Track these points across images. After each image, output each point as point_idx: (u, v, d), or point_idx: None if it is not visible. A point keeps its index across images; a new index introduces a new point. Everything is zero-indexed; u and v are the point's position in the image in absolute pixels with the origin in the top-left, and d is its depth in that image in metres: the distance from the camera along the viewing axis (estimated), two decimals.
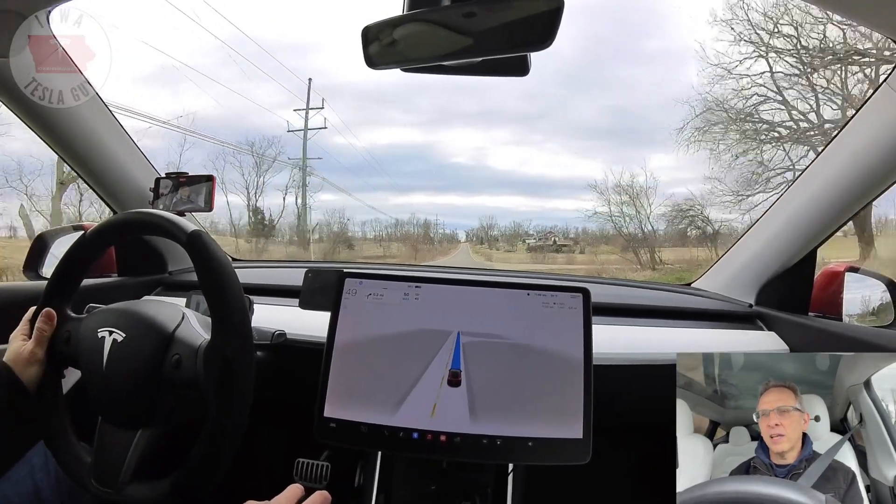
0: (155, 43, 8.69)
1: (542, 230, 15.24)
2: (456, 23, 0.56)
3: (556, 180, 17.82)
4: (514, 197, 18.99)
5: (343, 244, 13.61)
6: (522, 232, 15.58)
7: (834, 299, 0.93)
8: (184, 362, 0.62)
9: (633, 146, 18.51)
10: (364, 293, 0.74)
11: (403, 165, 25.95)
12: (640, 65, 10.36)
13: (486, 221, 16.63)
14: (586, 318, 0.71)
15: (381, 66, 0.61)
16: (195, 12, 10.07)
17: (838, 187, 0.82)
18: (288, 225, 12.35)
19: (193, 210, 1.11)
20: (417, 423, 0.67)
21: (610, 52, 9.74)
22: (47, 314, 0.67)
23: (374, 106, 13.68)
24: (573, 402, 0.67)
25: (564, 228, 14.31)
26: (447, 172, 22.66)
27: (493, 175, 20.79)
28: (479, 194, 18.66)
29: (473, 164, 23.21)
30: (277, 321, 0.86)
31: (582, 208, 11.98)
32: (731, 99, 8.23)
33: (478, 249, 16.51)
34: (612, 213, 10.45)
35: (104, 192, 1.09)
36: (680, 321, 1.01)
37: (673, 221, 9.99)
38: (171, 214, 0.67)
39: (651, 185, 10.15)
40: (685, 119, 8.49)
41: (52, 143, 0.95)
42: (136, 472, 0.62)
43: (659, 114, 13.72)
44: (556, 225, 14.92)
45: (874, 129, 0.74)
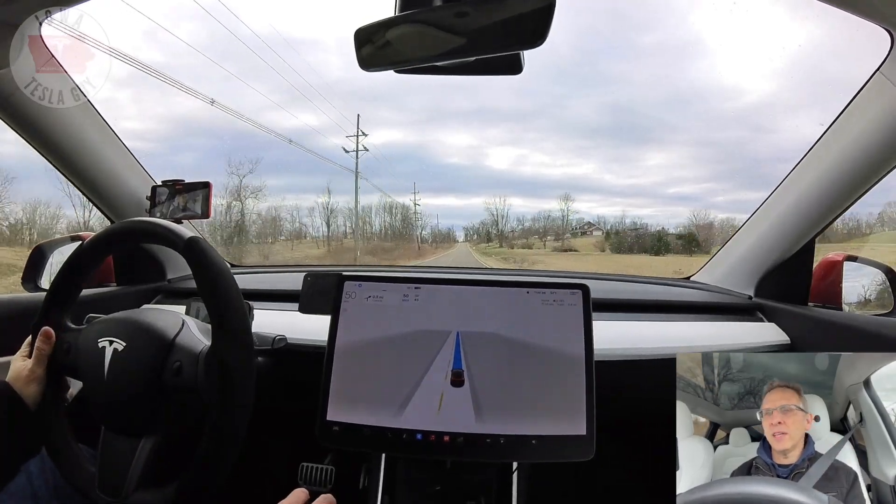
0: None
1: (580, 222, 13.91)
2: (448, 23, 0.56)
3: (554, 181, 17.22)
4: (512, 198, 18.72)
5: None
6: (556, 226, 14.08)
7: (833, 289, 0.93)
8: (185, 369, 0.62)
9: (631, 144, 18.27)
10: (363, 296, 0.74)
11: (396, 165, 25.82)
12: (638, 58, 10.17)
13: (493, 213, 15.33)
14: (586, 315, 0.71)
15: (375, 67, 0.61)
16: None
17: (835, 176, 0.82)
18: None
19: (191, 217, 1.11)
20: (421, 424, 0.67)
21: (605, 47, 9.55)
22: (45, 333, 0.68)
23: (365, 105, 13.67)
24: (576, 399, 0.67)
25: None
26: (443, 172, 22.54)
27: (490, 175, 20.62)
28: (476, 195, 18.45)
29: (469, 164, 23.05)
30: (277, 326, 0.86)
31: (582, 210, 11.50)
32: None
33: (487, 250, 15.36)
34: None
35: (100, 202, 1.08)
36: (680, 314, 1.01)
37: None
38: (168, 222, 0.67)
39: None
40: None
41: (47, 153, 0.95)
42: (141, 479, 0.62)
43: (656, 110, 13.58)
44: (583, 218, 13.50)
45: (869, 117, 0.74)
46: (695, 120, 46.30)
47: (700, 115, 46.57)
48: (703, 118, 46.49)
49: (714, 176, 40.65)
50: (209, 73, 13.47)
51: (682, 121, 20.89)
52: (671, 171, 34.87)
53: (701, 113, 47.14)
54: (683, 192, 38.36)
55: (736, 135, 41.81)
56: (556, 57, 14.49)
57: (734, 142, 38.03)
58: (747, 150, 38.44)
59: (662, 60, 53.22)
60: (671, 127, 38.31)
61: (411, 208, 15.62)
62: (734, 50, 52.82)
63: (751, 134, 39.46)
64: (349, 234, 15.77)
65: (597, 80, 29.14)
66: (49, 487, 0.72)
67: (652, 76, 40.70)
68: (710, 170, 40.55)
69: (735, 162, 38.79)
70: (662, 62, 52.88)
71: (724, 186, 37.55)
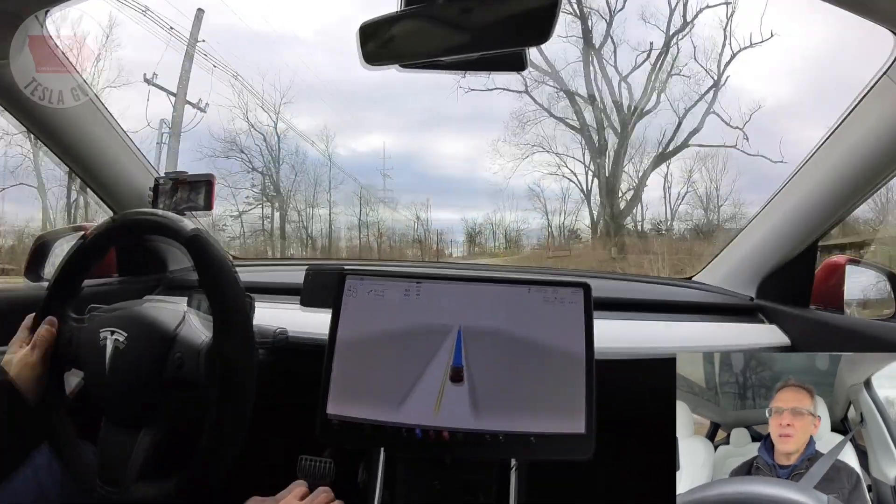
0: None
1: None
2: (453, 19, 0.55)
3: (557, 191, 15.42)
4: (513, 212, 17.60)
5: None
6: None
7: (835, 292, 0.92)
8: (186, 363, 0.62)
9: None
10: (365, 291, 0.74)
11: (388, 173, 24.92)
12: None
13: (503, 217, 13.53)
14: (587, 313, 0.71)
15: (379, 63, 0.61)
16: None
17: (838, 178, 0.82)
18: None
19: (193, 210, 1.11)
20: (420, 420, 0.67)
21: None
22: (49, 321, 0.67)
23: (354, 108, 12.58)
24: (576, 398, 0.67)
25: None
26: (438, 184, 21.48)
27: (487, 187, 19.50)
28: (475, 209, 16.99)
29: (465, 176, 22.14)
30: (279, 320, 0.86)
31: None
32: None
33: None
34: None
35: (103, 194, 1.09)
36: (681, 315, 1.01)
37: None
38: (171, 214, 0.67)
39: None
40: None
41: (51, 144, 0.95)
42: (141, 471, 0.62)
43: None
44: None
45: (873, 119, 0.74)
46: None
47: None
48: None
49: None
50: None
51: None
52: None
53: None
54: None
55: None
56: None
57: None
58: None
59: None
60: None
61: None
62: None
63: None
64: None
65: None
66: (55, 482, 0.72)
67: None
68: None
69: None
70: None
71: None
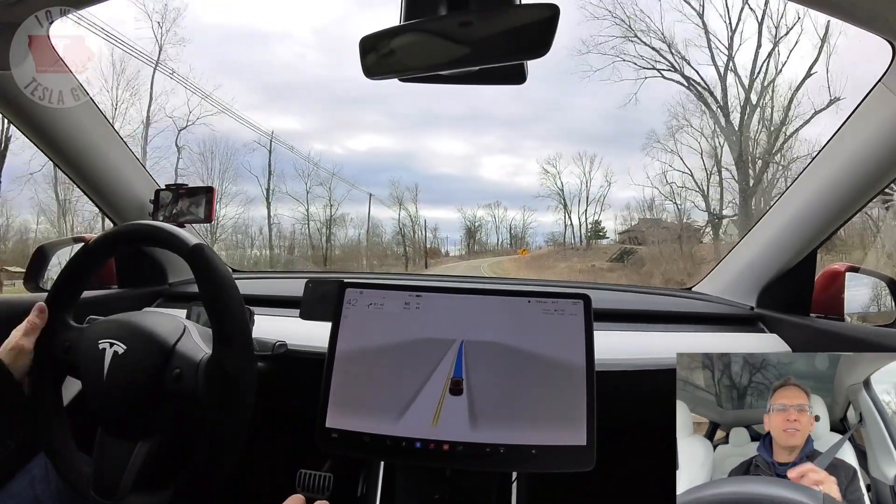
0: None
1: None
2: (452, 32, 0.56)
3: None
4: (509, 211, 17.92)
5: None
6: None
7: (835, 300, 0.92)
8: (185, 376, 0.62)
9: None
10: (364, 303, 0.74)
11: (383, 175, 25.25)
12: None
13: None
14: (588, 325, 0.71)
15: (379, 76, 0.62)
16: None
17: (837, 187, 0.82)
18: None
19: (194, 221, 1.11)
20: (420, 433, 0.67)
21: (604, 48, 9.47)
22: (39, 307, 0.67)
23: (350, 109, 12.51)
24: (576, 409, 0.67)
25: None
26: (434, 185, 21.57)
27: (485, 188, 19.47)
28: (471, 207, 17.33)
29: (462, 176, 22.26)
30: (278, 332, 0.86)
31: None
32: None
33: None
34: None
35: (104, 204, 1.09)
36: (681, 325, 1.01)
37: None
38: (173, 226, 0.67)
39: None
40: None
41: (52, 154, 0.95)
42: (136, 482, 0.61)
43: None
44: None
45: (871, 128, 0.75)
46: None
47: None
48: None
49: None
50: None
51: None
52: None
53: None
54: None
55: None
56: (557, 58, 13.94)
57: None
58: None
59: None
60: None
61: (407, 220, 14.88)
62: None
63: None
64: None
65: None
66: (51, 492, 0.71)
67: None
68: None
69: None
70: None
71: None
